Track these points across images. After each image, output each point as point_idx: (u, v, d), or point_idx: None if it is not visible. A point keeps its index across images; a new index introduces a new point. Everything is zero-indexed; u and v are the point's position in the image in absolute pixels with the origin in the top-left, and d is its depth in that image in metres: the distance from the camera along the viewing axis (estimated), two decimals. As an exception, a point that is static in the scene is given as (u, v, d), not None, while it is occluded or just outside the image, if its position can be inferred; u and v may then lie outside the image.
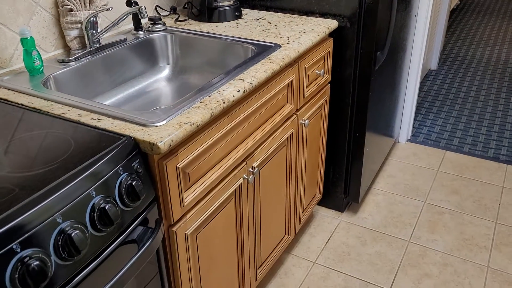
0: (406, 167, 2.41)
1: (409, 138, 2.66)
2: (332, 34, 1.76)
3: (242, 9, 1.85)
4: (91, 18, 1.34)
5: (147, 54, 1.56)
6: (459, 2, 5.11)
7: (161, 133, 0.93)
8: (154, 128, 0.96)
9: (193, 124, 0.99)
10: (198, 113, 1.02)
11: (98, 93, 1.39)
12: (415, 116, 2.90)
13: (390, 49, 2.00)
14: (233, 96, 1.12)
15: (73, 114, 1.02)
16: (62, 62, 1.31)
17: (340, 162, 2.00)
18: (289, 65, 1.45)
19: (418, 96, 3.15)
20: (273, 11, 1.83)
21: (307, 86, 1.59)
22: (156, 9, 1.74)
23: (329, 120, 1.93)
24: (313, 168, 1.85)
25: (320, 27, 1.62)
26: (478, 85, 3.30)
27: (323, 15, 1.75)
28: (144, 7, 1.31)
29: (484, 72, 3.51)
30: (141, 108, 1.42)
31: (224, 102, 1.09)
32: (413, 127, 2.78)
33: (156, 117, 1.00)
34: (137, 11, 1.29)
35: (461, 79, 3.42)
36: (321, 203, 2.14)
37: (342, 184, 2.05)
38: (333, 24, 1.67)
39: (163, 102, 1.48)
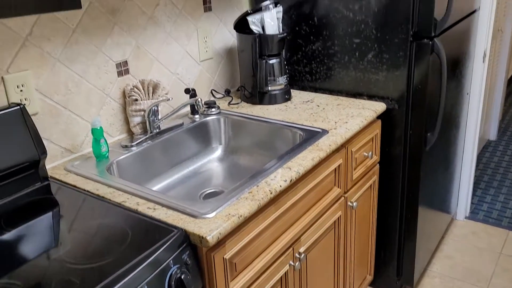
0: (465, 247, 2.29)
1: (467, 215, 2.54)
2: (380, 115, 1.79)
3: (292, 90, 1.94)
4: (153, 107, 1.48)
5: (202, 136, 1.66)
6: (518, 69, 4.98)
7: (210, 226, 0.99)
8: (203, 220, 1.02)
9: (241, 216, 1.04)
10: (245, 204, 1.07)
11: (156, 174, 1.49)
12: (474, 191, 2.78)
13: (442, 128, 1.99)
14: (280, 186, 1.17)
15: (131, 202, 1.11)
16: (125, 147, 1.43)
17: (391, 241, 1.94)
18: (336, 150, 1.49)
19: (477, 169, 3.04)
20: (322, 93, 1.91)
21: (354, 169, 1.61)
22: (211, 92, 1.88)
23: (379, 199, 1.91)
24: (363, 249, 1.81)
25: (367, 111, 1.66)
26: (542, 158, 3.14)
27: (370, 97, 1.80)
28: (200, 99, 1.42)
29: (548, 143, 3.35)
30: (194, 189, 1.50)
31: (271, 193, 1.14)
32: (472, 203, 2.66)
33: (206, 208, 1.06)
34: (194, 103, 1.41)
35: (523, 150, 3.27)
36: (372, 284, 2.07)
37: (395, 264, 1.98)
38: (380, 107, 1.71)
39: (214, 182, 1.56)
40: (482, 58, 2.24)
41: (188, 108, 1.75)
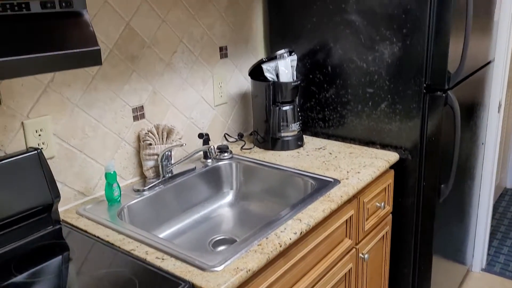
0: (480, 301, 2.21)
1: (483, 267, 2.46)
2: (393, 165, 1.78)
3: (304, 136, 1.95)
4: (166, 152, 1.50)
5: (213, 180, 1.67)
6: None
7: (218, 280, 0.97)
8: (212, 273, 1.01)
9: (249, 270, 1.02)
10: (254, 258, 1.06)
11: (167, 219, 1.49)
12: (490, 241, 2.71)
13: (456, 179, 1.96)
14: (290, 239, 1.16)
15: (140, 251, 1.10)
16: (137, 191, 1.44)
17: (404, 294, 1.89)
18: (348, 201, 1.47)
19: (493, 219, 2.97)
20: (334, 140, 1.91)
21: (366, 219, 1.59)
22: (225, 136, 1.90)
23: (392, 250, 1.87)
24: (374, 302, 1.76)
25: (380, 161, 1.65)
26: (561, 209, 3.06)
27: (384, 146, 1.79)
28: (213, 146, 1.45)
29: None
30: (204, 235, 1.49)
31: (280, 246, 1.12)
32: (488, 254, 2.58)
33: (215, 260, 1.05)
34: (207, 150, 1.43)
35: (541, 200, 3.19)
36: (383, 338, 1.99)
37: (407, 319, 1.91)
38: (393, 157, 1.70)
39: (224, 228, 1.55)
40: (497, 108, 2.24)
41: (201, 152, 1.76)
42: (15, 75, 0.79)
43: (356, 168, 1.60)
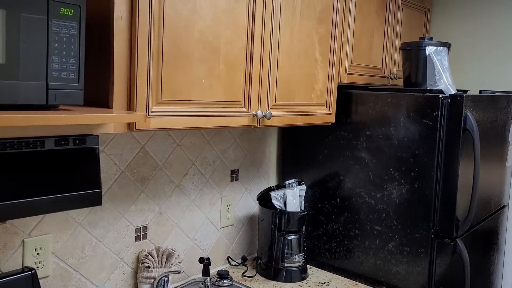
0: None
1: None
2: (399, 309, 1.68)
3: (309, 266, 1.90)
4: (163, 277, 1.47)
5: (209, 309, 1.60)
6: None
7: None
8: None
9: None
10: None
11: None
12: None
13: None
14: None
15: None
16: (126, 317, 1.39)
17: None
18: None
19: None
20: (340, 274, 1.85)
21: None
22: (228, 259, 1.86)
23: None
24: None
25: (385, 306, 1.57)
26: None
27: (389, 287, 1.71)
28: (209, 278, 1.41)
29: None
30: None
31: None
32: None
33: None
34: (203, 281, 1.39)
35: None
36: None
37: None
38: (399, 302, 1.62)
39: None
40: (513, 253, 2.15)
41: (200, 274, 1.72)
42: (19, 215, 0.82)
43: (358, 312, 1.51)
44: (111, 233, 1.43)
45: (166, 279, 1.48)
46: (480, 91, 2.01)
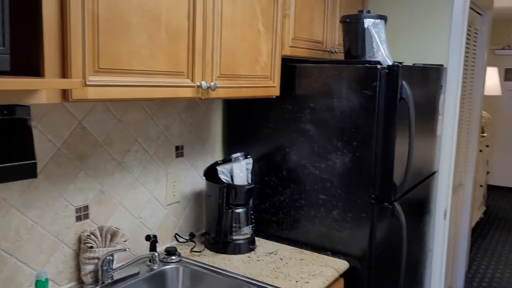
0: None
1: None
2: (344, 273, 1.75)
3: (257, 238, 1.92)
4: (108, 256, 1.42)
5: (158, 286, 1.57)
6: (482, 216, 5.16)
7: None
8: None
9: None
10: None
11: (99, 332, 1.37)
12: None
13: (405, 285, 1.95)
14: None
15: None
16: (70, 300, 1.33)
17: None
18: (296, 315, 1.42)
19: (445, 325, 2.93)
20: (287, 244, 1.89)
21: (315, 335, 1.52)
22: (175, 236, 1.83)
23: None
24: None
25: (330, 270, 1.63)
26: (511, 316, 3.07)
27: (334, 253, 1.78)
28: (157, 254, 1.38)
29: (515, 299, 3.31)
30: None
31: None
32: None
33: None
34: (150, 257, 1.36)
35: (491, 306, 3.21)
36: None
37: None
38: (343, 265, 1.69)
39: None
40: (443, 216, 2.31)
41: (147, 252, 1.68)
42: None
43: (305, 277, 1.56)
44: (48, 214, 1.35)
45: (111, 258, 1.43)
46: (413, 64, 2.11)
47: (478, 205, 4.78)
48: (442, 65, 2.17)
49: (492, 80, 5.05)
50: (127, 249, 1.39)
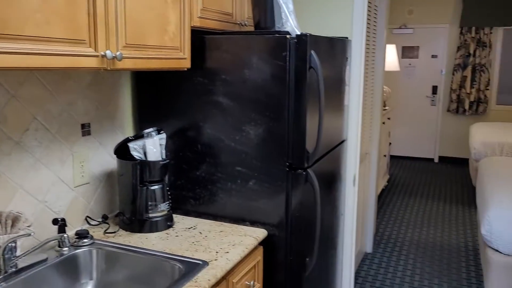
0: None
1: (351, 335, 2.56)
2: (263, 241, 1.80)
3: (175, 215, 1.89)
4: (10, 244, 1.30)
5: (69, 272, 1.48)
6: (387, 183, 5.60)
7: None
8: None
9: None
10: None
11: (4, 325, 1.26)
12: (356, 307, 2.85)
13: (320, 251, 2.06)
14: (151, 338, 1.05)
15: None
16: (-33, 294, 1.21)
17: None
18: (217, 284, 1.42)
19: (356, 283, 3.16)
20: (206, 218, 1.88)
21: (237, 301, 1.55)
22: (86, 219, 1.74)
23: (265, 329, 1.84)
24: None
25: (249, 239, 1.66)
26: (412, 269, 3.40)
27: (253, 223, 1.82)
28: (67, 235, 1.30)
29: (415, 254, 3.66)
30: None
31: None
32: (355, 320, 2.71)
33: None
34: (59, 240, 1.28)
35: (396, 262, 3.52)
36: None
37: None
38: (262, 234, 1.73)
39: (79, 328, 1.36)
40: (352, 182, 2.46)
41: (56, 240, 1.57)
42: None
43: (225, 247, 1.57)
44: None
45: (14, 245, 1.31)
46: (320, 37, 2.19)
47: (383, 174, 5.18)
48: (346, 38, 2.28)
49: (391, 56, 5.44)
50: (31, 234, 1.29)
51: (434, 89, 6.79)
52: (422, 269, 3.40)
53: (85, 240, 1.56)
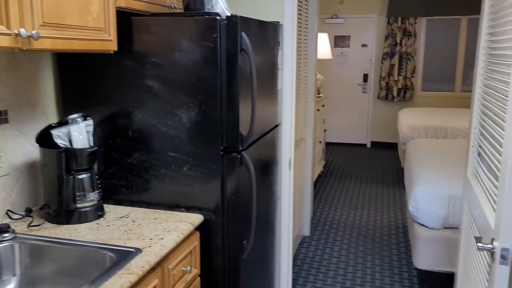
0: None
1: (291, 314, 2.63)
2: (198, 226, 1.78)
3: (106, 205, 1.82)
4: None
5: (-12, 269, 1.38)
6: (323, 169, 5.79)
7: None
8: None
9: None
10: None
11: None
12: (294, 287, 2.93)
13: (257, 234, 2.08)
14: (78, 328, 1.00)
15: None
16: None
17: None
18: (151, 270, 1.39)
19: (295, 266, 3.24)
20: (139, 206, 1.83)
21: (173, 286, 1.52)
22: (7, 213, 1.62)
23: (204, 315, 1.83)
24: None
25: (184, 224, 1.64)
26: (347, 249, 3.54)
27: (188, 209, 1.79)
28: (-18, 228, 1.20)
29: (350, 235, 3.82)
30: None
31: None
32: (294, 300, 2.78)
33: None
34: (-27, 233, 1.18)
35: (332, 243, 3.65)
36: None
37: None
38: (198, 219, 1.71)
39: (1, 328, 1.27)
40: (288, 166, 2.51)
41: (-28, 235, 1.45)
42: None
43: (160, 234, 1.54)
44: None
45: None
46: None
47: (319, 159, 5.34)
48: (278, 22, 2.30)
49: (324, 45, 5.58)
50: None
51: (365, 77, 7.09)
52: (356, 248, 3.56)
53: (6, 235, 1.45)
